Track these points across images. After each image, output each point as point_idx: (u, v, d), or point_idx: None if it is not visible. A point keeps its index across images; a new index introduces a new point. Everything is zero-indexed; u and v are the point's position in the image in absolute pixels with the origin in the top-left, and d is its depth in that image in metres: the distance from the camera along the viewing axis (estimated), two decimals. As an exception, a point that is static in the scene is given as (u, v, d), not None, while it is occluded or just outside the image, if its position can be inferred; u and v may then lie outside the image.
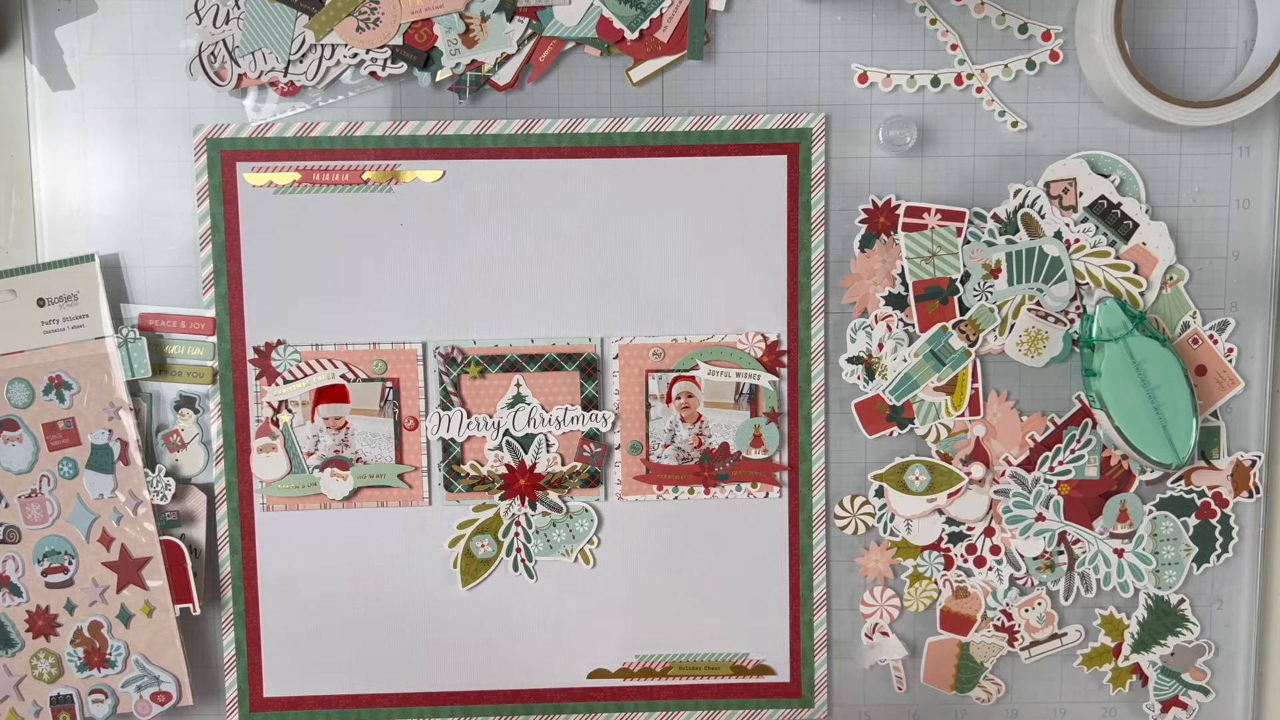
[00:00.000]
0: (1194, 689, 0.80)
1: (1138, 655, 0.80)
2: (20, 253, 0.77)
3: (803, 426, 0.78)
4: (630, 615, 0.80)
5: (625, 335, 0.78)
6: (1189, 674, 0.80)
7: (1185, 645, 0.80)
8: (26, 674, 0.77)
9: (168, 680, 0.77)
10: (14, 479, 0.76)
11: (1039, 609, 0.80)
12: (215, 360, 0.77)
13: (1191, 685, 0.80)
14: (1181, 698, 0.81)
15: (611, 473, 0.79)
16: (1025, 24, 0.76)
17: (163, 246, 0.77)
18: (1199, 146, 0.78)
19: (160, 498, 0.76)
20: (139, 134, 0.76)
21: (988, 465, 0.78)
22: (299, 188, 0.76)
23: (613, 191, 0.77)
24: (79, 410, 0.76)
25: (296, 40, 0.74)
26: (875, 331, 0.77)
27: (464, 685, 0.80)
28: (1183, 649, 0.80)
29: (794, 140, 0.76)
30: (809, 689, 0.80)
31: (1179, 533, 0.79)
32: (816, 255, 0.77)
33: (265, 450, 0.77)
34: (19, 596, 0.77)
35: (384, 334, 0.77)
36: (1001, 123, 0.77)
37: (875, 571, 0.80)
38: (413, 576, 0.79)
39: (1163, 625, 0.80)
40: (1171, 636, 0.80)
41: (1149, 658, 0.80)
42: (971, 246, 0.77)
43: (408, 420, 0.78)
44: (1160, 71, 0.77)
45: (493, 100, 0.77)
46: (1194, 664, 0.80)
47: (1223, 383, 0.78)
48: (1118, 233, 0.77)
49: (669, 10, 0.75)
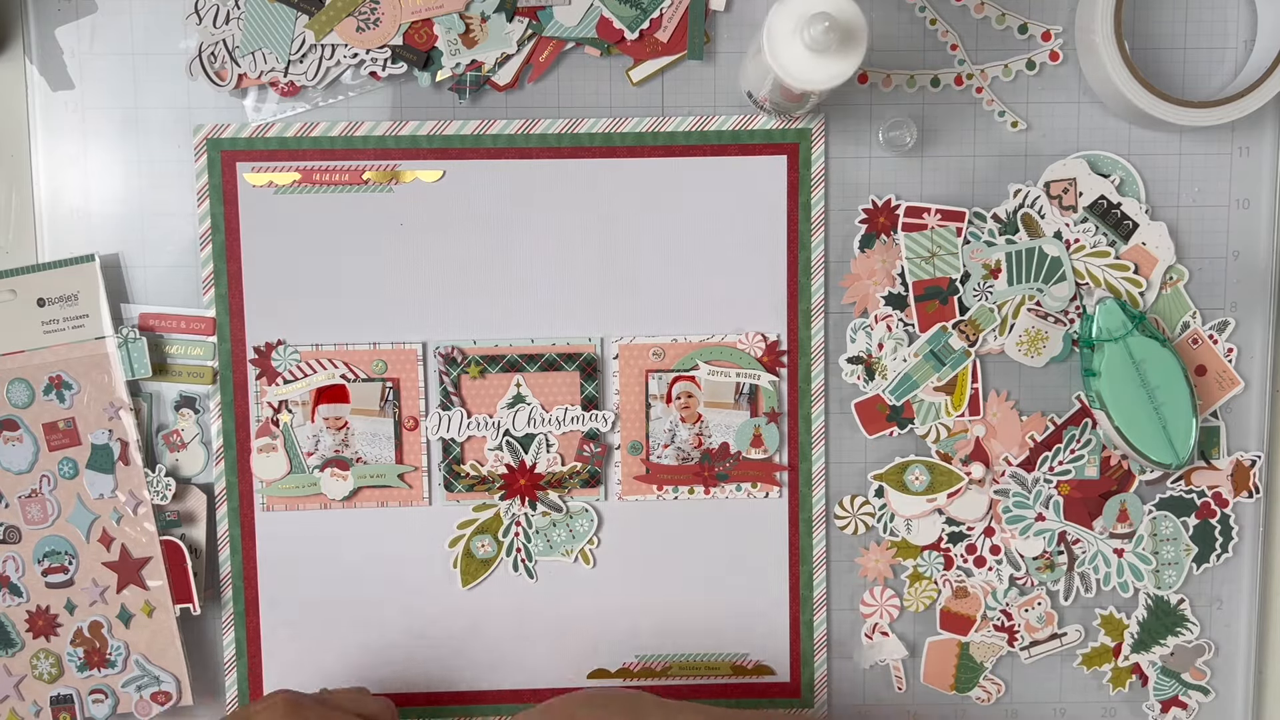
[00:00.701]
0: (1194, 689, 0.80)
1: (1138, 655, 0.80)
2: (20, 253, 0.77)
3: (802, 427, 0.78)
4: (630, 615, 0.80)
5: (625, 335, 0.78)
6: (1189, 674, 0.80)
7: (1185, 645, 0.80)
8: (26, 674, 0.77)
9: (168, 680, 0.77)
10: (14, 479, 0.76)
11: (1039, 609, 0.80)
12: (215, 360, 0.77)
13: (1191, 685, 0.80)
14: (1181, 697, 0.81)
15: (611, 473, 0.79)
16: (1025, 24, 0.76)
17: (163, 246, 0.77)
18: (1199, 146, 0.78)
19: (160, 498, 0.76)
20: (139, 134, 0.76)
21: (988, 465, 0.78)
22: (299, 188, 0.76)
23: (613, 192, 0.77)
24: (79, 410, 0.76)
25: (296, 40, 0.74)
26: (875, 331, 0.77)
27: (464, 685, 0.80)
28: (1182, 649, 0.80)
29: (794, 140, 0.76)
30: (809, 689, 0.80)
31: (1179, 533, 0.79)
32: (816, 255, 0.77)
33: (265, 450, 0.77)
34: (19, 596, 0.77)
35: (384, 334, 0.77)
36: (1001, 123, 0.77)
37: (875, 571, 0.80)
38: (413, 577, 0.79)
39: (1162, 625, 0.80)
40: (1171, 636, 0.80)
41: (1149, 658, 0.80)
42: (971, 246, 0.77)
43: (408, 420, 0.78)
44: (1160, 71, 0.77)
45: (493, 100, 0.77)
46: (1194, 664, 0.80)
47: (1222, 383, 0.78)
48: (1118, 233, 0.77)
49: (669, 10, 0.75)
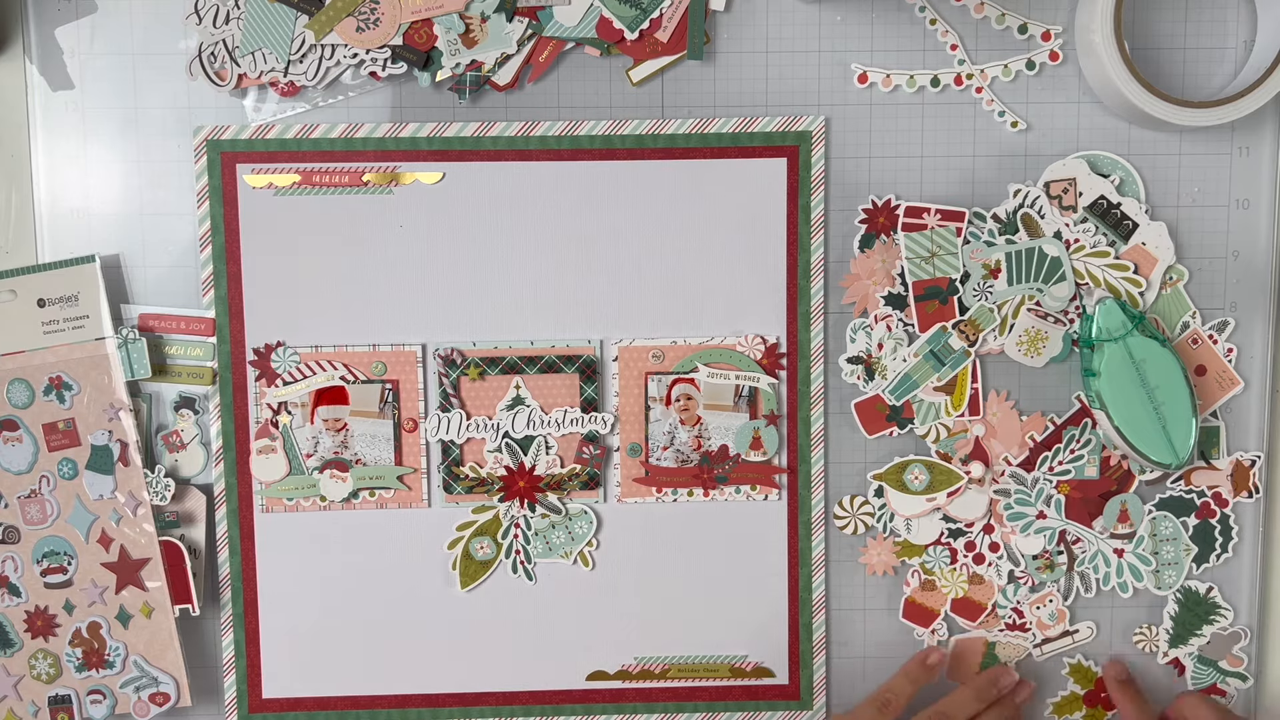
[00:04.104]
0: (1231, 675, 0.80)
1: (1175, 650, 0.80)
2: (20, 253, 0.77)
3: (802, 429, 0.78)
4: (629, 617, 0.80)
5: (625, 337, 0.78)
6: (1225, 661, 0.80)
7: (1221, 633, 0.80)
8: (25, 674, 0.77)
9: (166, 681, 0.77)
10: (14, 479, 0.76)
11: (1050, 606, 0.79)
12: (215, 361, 0.77)
13: (1229, 672, 0.80)
14: (1220, 685, 0.80)
15: (611, 475, 0.78)
16: (1025, 24, 0.76)
17: (163, 247, 0.77)
18: (1199, 146, 0.78)
19: (160, 498, 0.76)
20: (139, 134, 0.76)
21: (987, 465, 0.78)
22: (299, 189, 0.76)
23: (612, 194, 0.77)
24: (79, 411, 0.76)
25: (296, 40, 0.74)
26: (875, 332, 0.77)
27: (463, 687, 0.80)
28: (1219, 636, 0.80)
29: (794, 143, 0.76)
30: (808, 691, 0.80)
31: (1179, 533, 0.79)
32: (816, 258, 0.77)
33: (265, 452, 0.77)
34: (18, 596, 0.77)
35: (383, 336, 0.77)
36: (1001, 123, 0.77)
37: (881, 565, 0.79)
38: (412, 578, 0.79)
39: (1195, 616, 0.79)
40: (1206, 625, 0.80)
41: (1185, 650, 0.80)
42: (971, 246, 0.77)
43: (407, 422, 0.77)
44: (1160, 71, 0.77)
45: (493, 100, 0.77)
46: (1230, 650, 0.80)
47: (1222, 383, 0.78)
48: (1117, 233, 0.77)
49: (669, 10, 0.75)
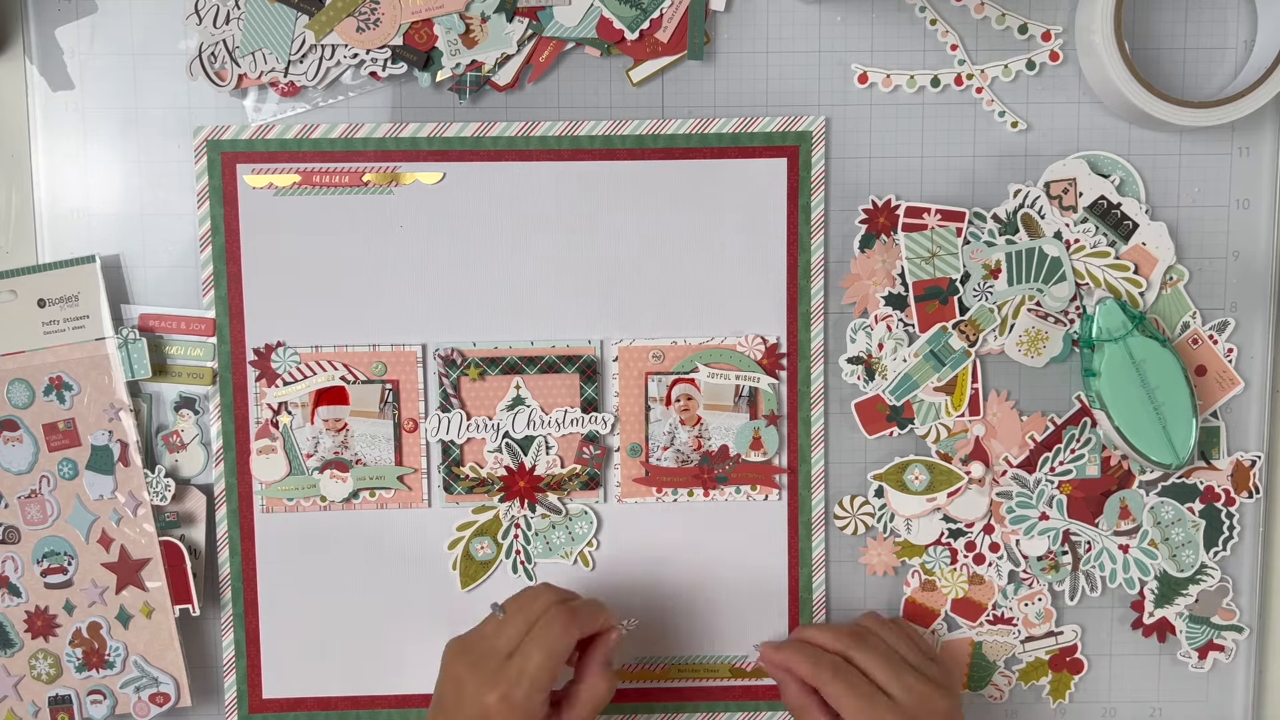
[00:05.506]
0: (1227, 629, 0.80)
1: (1162, 610, 0.79)
2: (20, 253, 0.77)
3: (802, 429, 0.78)
4: (629, 617, 0.80)
5: (625, 338, 0.78)
6: (1217, 616, 0.80)
7: (1208, 590, 0.79)
8: (25, 674, 0.77)
9: (166, 681, 0.77)
10: (14, 479, 0.76)
11: (1038, 605, 0.79)
12: (215, 361, 0.77)
13: (1224, 626, 0.80)
14: (1216, 640, 0.80)
15: (611, 475, 0.78)
16: (1025, 24, 0.77)
17: (163, 247, 0.77)
18: (1199, 147, 0.78)
19: (160, 499, 0.76)
20: (139, 134, 0.76)
21: (987, 465, 0.78)
22: (299, 189, 0.76)
23: (612, 194, 0.77)
24: (79, 411, 0.76)
25: (296, 40, 0.74)
26: (875, 332, 0.77)
27: (463, 687, 0.80)
28: (1206, 593, 0.79)
29: (794, 143, 0.76)
30: (809, 691, 0.80)
31: (1181, 514, 0.78)
32: (816, 258, 0.77)
33: (265, 452, 0.77)
34: (18, 597, 0.77)
35: (384, 336, 0.77)
36: (1001, 123, 0.77)
37: (881, 565, 0.79)
38: (412, 578, 0.79)
39: (1179, 581, 0.79)
40: (1192, 585, 0.79)
41: (1174, 610, 0.79)
42: (971, 247, 0.77)
43: (407, 422, 0.77)
44: (1160, 71, 0.77)
45: (493, 100, 0.77)
46: (1220, 605, 0.79)
47: (1222, 383, 0.78)
48: (1118, 233, 0.77)
49: (669, 10, 0.75)
